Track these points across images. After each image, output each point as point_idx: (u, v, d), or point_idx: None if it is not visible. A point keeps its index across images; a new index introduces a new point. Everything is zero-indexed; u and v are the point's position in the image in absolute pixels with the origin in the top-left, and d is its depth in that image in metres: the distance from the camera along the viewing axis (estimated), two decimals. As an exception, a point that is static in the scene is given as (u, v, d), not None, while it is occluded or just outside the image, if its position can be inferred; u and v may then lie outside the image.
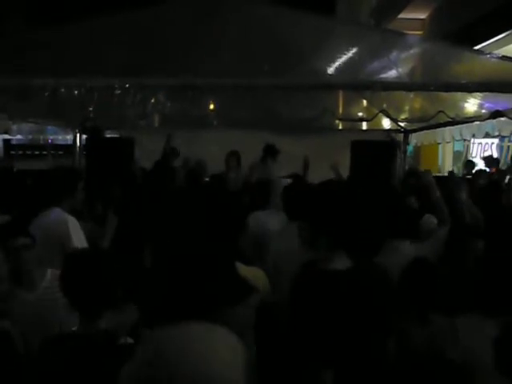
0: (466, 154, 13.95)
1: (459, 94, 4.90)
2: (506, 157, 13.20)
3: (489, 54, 5.14)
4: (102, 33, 5.28)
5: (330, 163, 6.24)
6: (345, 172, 7.83)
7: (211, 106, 6.86)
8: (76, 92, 4.33)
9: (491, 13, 10.35)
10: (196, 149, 7.19)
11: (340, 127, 8.45)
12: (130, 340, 2.19)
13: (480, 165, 12.11)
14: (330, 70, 4.60)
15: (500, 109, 5.55)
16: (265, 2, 5.63)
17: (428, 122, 6.30)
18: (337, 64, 4.64)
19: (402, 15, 14.88)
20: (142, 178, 5.82)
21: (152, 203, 4.27)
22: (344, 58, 4.65)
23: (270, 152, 7.25)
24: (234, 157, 7.09)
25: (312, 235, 2.24)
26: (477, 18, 10.92)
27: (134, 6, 5.52)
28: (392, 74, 4.46)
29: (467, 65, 4.96)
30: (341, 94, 5.98)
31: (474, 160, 12.03)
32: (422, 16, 14.93)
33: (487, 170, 9.53)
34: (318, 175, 6.40)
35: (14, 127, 10.20)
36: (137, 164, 7.24)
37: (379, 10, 17.11)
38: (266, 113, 6.50)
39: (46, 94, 4.31)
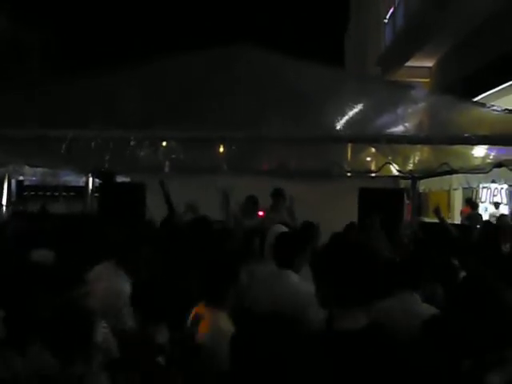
0: (475, 199, 13.98)
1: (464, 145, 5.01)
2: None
3: (491, 106, 5.26)
4: (116, 84, 5.48)
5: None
6: (353, 218, 7.91)
7: (221, 149, 7.00)
8: (93, 143, 4.49)
9: (496, 61, 10.52)
10: (207, 195, 7.29)
11: (349, 174, 8.56)
12: None
13: (489, 209, 12.24)
14: (338, 124, 4.74)
15: (504, 158, 5.62)
16: (275, 53, 5.81)
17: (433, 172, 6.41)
18: (345, 118, 4.78)
19: (409, 63, 15.14)
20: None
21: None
22: (352, 112, 4.80)
23: (280, 196, 7.34)
24: (250, 201, 7.19)
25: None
26: (481, 67, 11.09)
27: (147, 58, 5.75)
28: (399, 128, 4.59)
29: (471, 118, 5.08)
30: (349, 144, 6.11)
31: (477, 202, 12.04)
32: (429, 64, 15.17)
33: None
34: (326, 221, 6.51)
35: (29, 170, 10.40)
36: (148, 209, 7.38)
37: (386, 58, 17.39)
38: (275, 162, 6.63)
39: (64, 144, 4.46)
